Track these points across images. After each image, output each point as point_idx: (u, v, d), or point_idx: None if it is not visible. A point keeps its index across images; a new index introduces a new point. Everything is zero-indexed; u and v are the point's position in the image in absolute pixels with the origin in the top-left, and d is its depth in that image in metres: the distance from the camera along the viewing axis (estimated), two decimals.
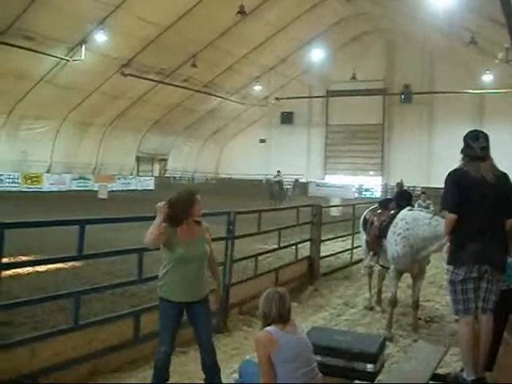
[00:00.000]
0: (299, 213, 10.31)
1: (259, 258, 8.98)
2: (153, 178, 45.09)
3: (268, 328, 3.89)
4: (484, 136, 4.99)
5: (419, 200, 18.05)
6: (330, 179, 46.45)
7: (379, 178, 45.07)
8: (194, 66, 34.49)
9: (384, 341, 5.10)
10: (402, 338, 7.05)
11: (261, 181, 46.49)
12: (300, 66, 42.78)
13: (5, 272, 4.99)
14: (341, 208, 19.69)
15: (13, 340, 5.11)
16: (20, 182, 33.99)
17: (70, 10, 25.71)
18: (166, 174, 47.00)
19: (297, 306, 8.56)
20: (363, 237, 8.71)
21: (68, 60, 29.62)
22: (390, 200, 8.72)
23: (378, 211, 8.33)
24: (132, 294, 8.23)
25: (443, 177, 5.08)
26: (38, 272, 9.39)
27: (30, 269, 8.97)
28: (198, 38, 32.48)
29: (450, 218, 4.94)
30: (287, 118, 48.81)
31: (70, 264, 9.65)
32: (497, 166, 4.96)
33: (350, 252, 12.63)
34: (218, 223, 7.65)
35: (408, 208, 7.56)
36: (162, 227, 4.68)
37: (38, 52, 27.58)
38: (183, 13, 29.83)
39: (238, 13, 28.09)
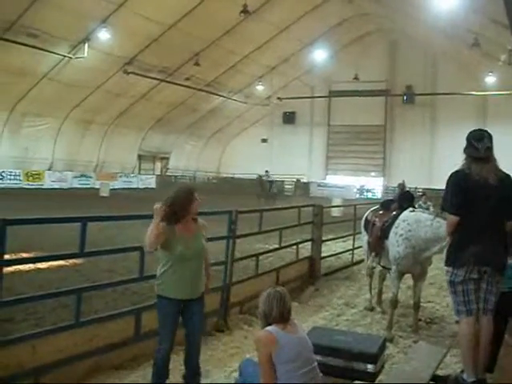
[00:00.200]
0: (300, 213, 10.31)
1: (260, 257, 8.98)
2: (154, 177, 45.08)
3: (268, 328, 3.89)
4: (488, 136, 4.94)
5: (420, 201, 18.02)
6: (332, 179, 46.41)
7: (381, 179, 45.00)
8: (197, 64, 34.45)
9: (384, 341, 5.10)
10: (402, 339, 7.05)
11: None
12: (302, 66, 42.71)
13: (6, 268, 5.00)
14: (342, 208, 19.71)
15: (14, 336, 5.12)
16: (21, 178, 33.97)
17: (74, 8, 25.79)
18: (168, 173, 46.98)
19: (297, 305, 8.58)
20: (364, 237, 8.69)
21: (71, 57, 29.63)
22: (392, 201, 8.70)
23: (380, 212, 8.31)
24: (133, 291, 8.24)
25: (445, 178, 5.05)
26: (39, 269, 9.39)
27: (31, 266, 8.98)
28: (201, 36, 32.47)
29: (452, 219, 4.93)
30: (289, 118, 48.73)
31: (71, 261, 9.66)
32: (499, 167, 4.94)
33: (350, 252, 12.62)
34: (219, 222, 7.67)
35: (410, 209, 7.52)
36: (161, 227, 4.70)
37: (41, 49, 27.59)
38: (186, 11, 29.81)
39: (242, 12, 28.13)
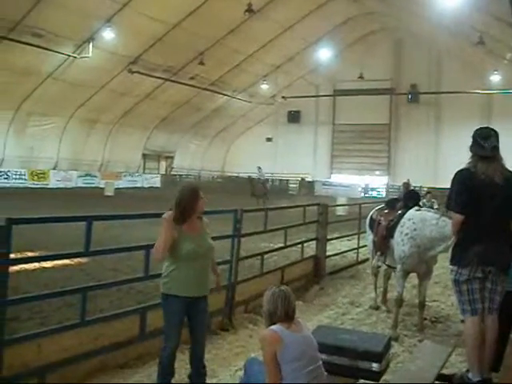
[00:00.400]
0: (305, 212, 10.30)
1: (265, 256, 8.98)
2: (159, 176, 45.14)
3: (273, 327, 3.88)
4: (495, 134, 4.91)
5: (424, 200, 17.99)
6: (336, 178, 46.36)
7: (385, 178, 44.93)
8: (202, 63, 34.44)
9: (389, 340, 5.09)
10: (407, 338, 7.03)
11: (266, 179, 46.36)
12: (307, 64, 42.68)
13: (12, 267, 5.01)
14: (346, 207, 19.69)
15: (20, 335, 5.12)
16: (27, 178, 34.05)
17: (78, 8, 25.83)
18: (173, 172, 47.03)
19: (302, 304, 8.58)
20: (369, 236, 8.67)
21: (75, 57, 29.67)
22: (397, 200, 8.68)
23: (385, 211, 8.29)
24: (138, 290, 8.25)
25: (450, 177, 5.02)
26: (44, 268, 9.43)
27: (36, 264, 9.02)
28: (205, 35, 32.47)
29: (457, 218, 4.91)
30: (294, 117, 48.70)
31: (76, 260, 9.68)
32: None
33: (355, 251, 12.62)
34: (224, 221, 7.68)
35: (415, 208, 7.49)
36: (170, 237, 4.71)
37: (46, 49, 27.65)
38: (191, 10, 29.82)
39: (246, 11, 28.16)
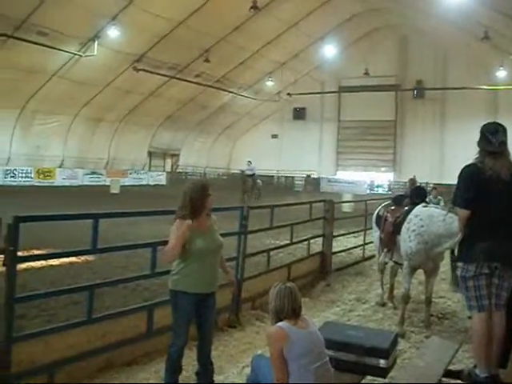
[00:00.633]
0: (311, 208, 10.29)
1: (271, 253, 8.98)
2: (165, 173, 45.19)
3: (280, 323, 3.89)
4: (503, 130, 4.89)
5: (430, 196, 17.93)
6: (342, 175, 46.33)
7: (391, 175, 44.86)
8: (207, 61, 34.48)
9: (396, 336, 5.08)
10: (413, 334, 7.02)
11: (272, 176, 46.38)
12: (312, 61, 42.63)
13: (19, 265, 5.02)
14: (352, 204, 19.66)
15: (27, 332, 5.14)
16: (33, 176, 34.19)
17: (83, 6, 25.87)
18: (178, 170, 47.08)
19: (308, 301, 8.58)
20: (376, 233, 8.65)
21: (81, 55, 29.76)
22: (403, 196, 8.66)
23: (392, 207, 8.27)
24: (145, 288, 8.27)
25: (456, 173, 5.01)
26: (51, 266, 9.46)
27: (43, 262, 9.03)
28: (210, 33, 32.48)
29: (463, 213, 4.90)
30: (299, 114, 48.72)
31: (83, 258, 9.72)
32: None
33: (362, 248, 12.61)
34: (230, 218, 7.68)
35: (422, 204, 7.46)
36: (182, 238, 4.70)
37: (51, 47, 27.71)
38: (196, 8, 29.82)
39: (251, 8, 28.18)
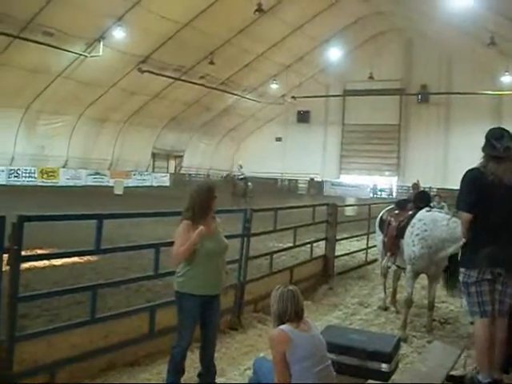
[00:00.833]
0: (314, 211, 10.29)
1: (274, 256, 8.97)
2: (168, 175, 45.24)
3: (282, 326, 3.90)
4: (508, 135, 4.91)
5: (434, 202, 17.90)
6: (345, 179, 46.30)
7: (395, 179, 44.82)
8: (212, 63, 34.55)
9: (399, 341, 5.08)
10: (416, 339, 7.01)
11: (275, 179, 46.35)
12: (317, 64, 42.67)
13: (22, 265, 5.03)
14: (355, 207, 19.63)
15: (30, 332, 5.14)
16: (37, 176, 34.27)
17: (89, 6, 25.94)
18: (182, 171, 47.10)
19: (311, 304, 8.58)
20: (379, 237, 8.65)
21: (86, 56, 29.84)
22: (407, 201, 8.65)
23: (396, 212, 8.26)
24: (147, 289, 8.28)
25: (460, 178, 5.01)
26: (54, 266, 9.47)
27: (46, 262, 9.04)
28: (215, 35, 32.56)
29: (466, 216, 4.90)
30: (304, 117, 48.70)
31: (86, 258, 9.71)
32: None
33: (365, 252, 12.60)
34: (233, 221, 7.69)
35: (426, 209, 7.46)
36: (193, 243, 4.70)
37: (57, 48, 27.82)
38: (201, 10, 29.90)
39: (256, 10, 28.22)
